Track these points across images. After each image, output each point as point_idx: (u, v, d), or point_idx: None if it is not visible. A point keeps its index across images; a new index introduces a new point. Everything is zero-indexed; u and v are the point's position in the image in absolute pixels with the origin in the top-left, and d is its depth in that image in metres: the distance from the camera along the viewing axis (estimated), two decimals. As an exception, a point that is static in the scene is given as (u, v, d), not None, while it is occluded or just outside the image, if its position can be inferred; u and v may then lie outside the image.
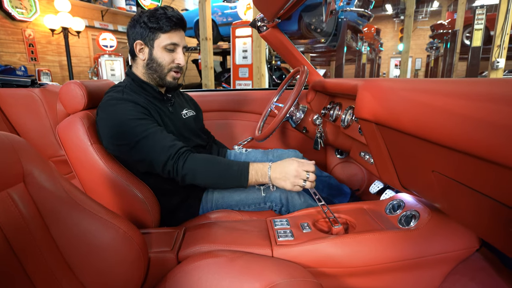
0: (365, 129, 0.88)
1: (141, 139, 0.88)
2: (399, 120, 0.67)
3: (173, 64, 1.00)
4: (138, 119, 0.90)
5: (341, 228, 0.88)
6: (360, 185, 1.50)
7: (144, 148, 0.89)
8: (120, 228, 0.68)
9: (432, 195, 0.74)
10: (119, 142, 0.91)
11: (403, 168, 0.80)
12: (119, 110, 0.91)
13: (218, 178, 0.89)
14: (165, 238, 0.87)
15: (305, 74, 1.06)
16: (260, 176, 0.89)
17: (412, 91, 0.66)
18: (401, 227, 0.86)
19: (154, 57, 0.98)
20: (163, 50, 0.98)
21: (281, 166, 0.89)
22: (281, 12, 1.11)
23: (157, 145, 0.88)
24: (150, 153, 0.89)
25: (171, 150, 0.88)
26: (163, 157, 0.88)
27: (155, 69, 1.00)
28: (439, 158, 0.60)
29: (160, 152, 0.88)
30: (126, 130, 0.89)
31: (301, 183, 0.87)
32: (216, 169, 0.89)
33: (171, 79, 1.02)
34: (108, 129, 0.91)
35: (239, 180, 0.89)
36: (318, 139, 1.15)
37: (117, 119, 0.90)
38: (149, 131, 0.89)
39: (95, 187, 0.97)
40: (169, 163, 0.88)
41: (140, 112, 0.92)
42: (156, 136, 0.89)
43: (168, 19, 0.94)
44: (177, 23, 0.96)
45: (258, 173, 0.89)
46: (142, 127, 0.89)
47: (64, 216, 0.63)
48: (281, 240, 0.82)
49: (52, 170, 0.64)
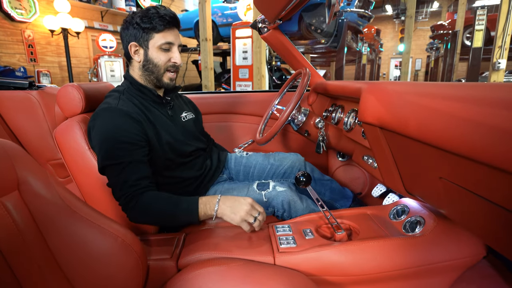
0: (369, 133, 0.86)
1: (113, 164, 0.86)
2: (406, 125, 0.65)
3: (169, 63, 0.98)
4: (122, 142, 0.87)
5: (344, 234, 0.86)
6: (362, 189, 1.48)
7: (111, 174, 0.87)
8: (118, 236, 0.66)
9: (438, 201, 0.72)
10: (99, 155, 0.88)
11: (408, 173, 0.78)
12: (108, 124, 0.88)
13: (168, 217, 0.88)
14: (165, 245, 0.85)
15: (307, 77, 1.04)
16: (209, 209, 0.87)
17: (419, 95, 0.64)
18: (406, 234, 0.84)
19: (149, 58, 0.96)
20: (158, 50, 0.96)
21: (231, 200, 0.87)
22: (282, 13, 1.10)
23: (122, 177, 0.86)
24: (113, 181, 0.87)
25: (130, 189, 0.86)
26: (120, 192, 0.86)
27: (152, 70, 0.98)
28: (447, 165, 0.58)
29: (120, 186, 0.86)
30: (106, 149, 0.86)
31: (251, 220, 0.85)
32: (164, 208, 0.87)
33: (168, 80, 1.00)
34: (95, 139, 0.89)
35: (190, 216, 0.87)
36: (320, 142, 1.13)
37: (103, 133, 0.87)
38: (124, 159, 0.86)
39: (93, 191, 0.96)
40: (122, 200, 0.86)
41: (129, 131, 0.88)
42: (128, 167, 0.86)
43: (161, 18, 0.92)
44: (171, 22, 0.94)
45: (206, 206, 0.87)
46: (121, 151, 0.86)
47: (60, 224, 0.61)
48: (283, 247, 0.80)
49: (48, 177, 0.62)
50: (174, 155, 0.99)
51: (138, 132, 0.90)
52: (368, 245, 0.79)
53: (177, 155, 1.00)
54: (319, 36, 4.23)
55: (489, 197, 0.51)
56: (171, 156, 0.98)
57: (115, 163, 0.86)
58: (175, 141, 0.99)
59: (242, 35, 4.05)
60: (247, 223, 0.85)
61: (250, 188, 1.04)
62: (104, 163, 0.87)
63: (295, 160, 1.21)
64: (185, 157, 1.03)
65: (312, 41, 4.61)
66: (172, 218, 0.88)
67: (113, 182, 0.87)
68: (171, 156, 0.98)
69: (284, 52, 1.44)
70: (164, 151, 0.96)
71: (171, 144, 0.98)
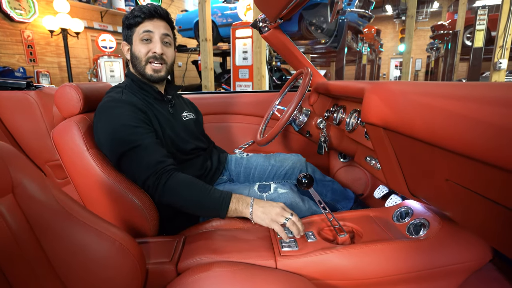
0: (372, 133, 0.84)
1: (132, 148, 0.85)
2: (411, 126, 0.63)
3: (149, 54, 0.96)
4: (134, 126, 0.87)
5: (347, 237, 0.84)
6: (364, 190, 1.46)
7: (133, 158, 0.85)
8: (116, 240, 0.65)
9: (444, 203, 0.71)
10: (111, 147, 0.88)
11: (413, 175, 0.77)
12: (116, 114, 0.88)
13: (197, 202, 0.85)
14: (164, 248, 0.83)
15: (309, 77, 1.02)
16: (241, 206, 0.85)
17: (425, 95, 0.63)
18: (410, 236, 0.82)
19: (133, 52, 0.98)
20: (139, 43, 0.96)
21: (263, 202, 0.86)
22: (283, 12, 1.08)
23: (146, 158, 0.85)
24: (136, 164, 0.85)
25: (157, 166, 0.84)
26: (147, 171, 0.84)
27: (135, 63, 0.98)
28: (455, 167, 0.57)
29: (146, 166, 0.84)
30: (120, 137, 0.85)
31: (281, 221, 0.83)
32: (197, 192, 0.85)
33: (151, 72, 0.98)
34: (103, 132, 0.88)
35: (220, 206, 0.84)
36: (322, 143, 1.11)
37: (113, 123, 0.87)
38: (142, 141, 0.86)
39: (91, 193, 0.94)
40: (151, 178, 0.84)
41: (137, 118, 0.89)
42: (148, 148, 0.86)
43: (139, 10, 0.94)
44: (148, 13, 0.94)
45: (239, 202, 0.85)
46: (136, 135, 0.86)
47: (56, 228, 0.59)
48: (285, 251, 0.79)
49: (44, 179, 0.60)
50: (174, 150, 0.99)
51: (145, 120, 0.91)
52: (372, 249, 0.77)
53: (178, 151, 1.00)
54: (320, 36, 4.22)
55: (497, 199, 0.49)
56: (172, 151, 0.98)
57: (133, 147, 0.85)
58: (176, 137, 1.00)
59: (242, 35, 4.04)
60: (278, 224, 0.83)
61: (251, 189, 1.02)
62: (120, 151, 0.85)
63: (296, 161, 1.20)
64: (185, 154, 1.03)
65: (312, 41, 4.60)
66: (201, 204, 0.85)
67: (136, 166, 0.86)
68: (173, 151, 0.98)
69: (285, 51, 1.42)
70: (166, 145, 0.97)
71: (172, 139, 0.98)
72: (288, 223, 0.83)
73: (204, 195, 0.85)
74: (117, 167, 0.89)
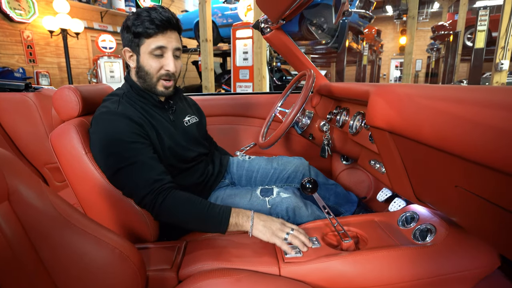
0: (377, 137, 0.83)
1: (127, 165, 0.82)
2: (419, 131, 0.62)
3: (162, 71, 0.91)
4: (129, 142, 0.83)
5: (352, 243, 0.83)
6: (367, 193, 1.44)
7: (128, 175, 0.82)
8: (115, 248, 0.63)
9: (451, 209, 0.69)
10: (105, 162, 0.85)
11: (419, 180, 0.75)
12: (111, 128, 0.84)
13: (196, 220, 0.82)
14: (165, 254, 0.82)
15: (312, 79, 1.01)
16: (241, 219, 0.82)
17: (432, 98, 0.61)
18: (416, 242, 0.80)
19: (141, 65, 0.90)
20: (150, 57, 0.88)
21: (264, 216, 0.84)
22: (286, 13, 1.06)
23: (142, 175, 0.82)
24: (132, 182, 0.82)
25: (154, 185, 0.81)
26: (145, 190, 0.81)
27: (144, 78, 0.92)
28: (465, 173, 0.55)
29: (142, 184, 0.81)
30: (115, 152, 0.82)
31: (283, 236, 0.80)
32: (195, 210, 0.82)
33: (162, 89, 0.93)
34: (97, 145, 0.85)
35: (219, 222, 0.81)
36: (325, 146, 1.09)
37: (108, 138, 0.83)
38: (137, 158, 0.82)
39: (89, 198, 0.92)
40: (148, 197, 0.81)
41: (133, 132, 0.85)
42: (144, 165, 0.83)
43: (151, 21, 0.84)
44: (161, 25, 0.86)
45: (239, 216, 0.82)
46: (131, 152, 0.83)
47: (54, 235, 0.57)
48: (289, 257, 0.77)
49: (41, 186, 0.59)
50: (175, 160, 0.95)
51: (141, 134, 0.87)
52: (377, 255, 0.75)
53: (179, 161, 0.96)
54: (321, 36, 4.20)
55: (508, 206, 0.47)
56: (172, 162, 0.94)
57: (129, 164, 0.82)
58: (176, 146, 0.95)
59: (242, 35, 4.03)
60: (279, 239, 0.80)
61: (253, 194, 1.00)
62: (115, 168, 0.82)
63: (299, 164, 1.18)
64: (187, 163, 1.00)
65: (313, 42, 4.58)
66: (200, 221, 0.82)
67: (133, 183, 0.83)
68: (173, 162, 0.94)
69: (287, 53, 1.40)
70: (166, 157, 0.93)
71: (172, 149, 0.94)
72: (289, 237, 0.80)
73: (202, 212, 0.82)
74: (112, 182, 0.86)
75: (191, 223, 0.84)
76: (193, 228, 0.91)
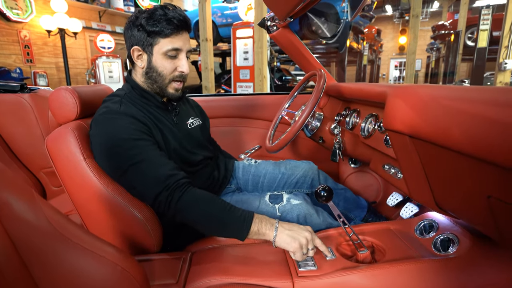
0: (395, 142, 0.78)
1: (135, 163, 0.76)
2: (447, 136, 0.57)
3: (175, 73, 0.87)
4: (135, 139, 0.78)
5: (368, 253, 0.78)
6: (376, 197, 1.39)
7: (138, 174, 0.76)
8: (117, 264, 0.57)
9: (480, 219, 0.64)
10: (110, 164, 0.79)
11: (443, 187, 0.70)
12: (113, 127, 0.78)
13: (217, 221, 0.75)
14: (169, 267, 0.76)
15: (323, 79, 0.95)
16: (264, 226, 0.74)
17: (462, 101, 0.56)
18: (437, 253, 0.75)
19: (153, 66, 0.86)
20: (163, 57, 0.85)
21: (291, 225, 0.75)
22: (295, 10, 1.01)
23: (153, 172, 0.76)
24: (143, 180, 0.76)
25: (169, 180, 0.75)
26: (158, 187, 0.75)
27: (155, 79, 0.87)
28: (501, 183, 0.50)
29: (155, 181, 0.75)
30: (120, 152, 0.76)
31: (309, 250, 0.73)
32: (217, 210, 0.75)
33: (173, 91, 0.89)
34: (100, 147, 0.80)
35: (241, 226, 0.73)
36: (336, 150, 1.04)
37: (111, 137, 0.78)
38: (145, 155, 0.77)
39: (88, 205, 0.86)
40: (163, 194, 0.75)
41: (138, 130, 0.80)
42: (154, 161, 0.77)
43: (168, 21, 0.81)
44: (179, 26, 0.83)
45: (262, 222, 0.74)
46: (138, 149, 0.77)
47: (48, 252, 0.52)
48: (303, 271, 0.72)
49: (34, 197, 0.53)
50: (181, 163, 0.89)
51: (146, 132, 0.81)
52: (397, 269, 0.70)
53: (184, 164, 0.91)
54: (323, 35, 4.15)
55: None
56: (178, 164, 0.88)
57: (136, 162, 0.76)
58: (182, 149, 0.90)
59: (243, 35, 3.98)
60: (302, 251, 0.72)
61: (261, 200, 0.95)
62: (122, 169, 0.76)
63: (308, 169, 1.13)
64: (192, 166, 0.94)
65: (313, 41, 4.54)
66: (220, 223, 0.75)
67: (143, 181, 0.76)
68: (178, 165, 0.88)
69: (294, 52, 1.35)
70: (172, 159, 0.87)
71: (178, 152, 0.89)
72: (310, 253, 0.74)
73: (223, 213, 0.74)
74: (121, 184, 0.80)
75: (210, 224, 0.76)
76: (210, 232, 0.84)
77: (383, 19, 13.03)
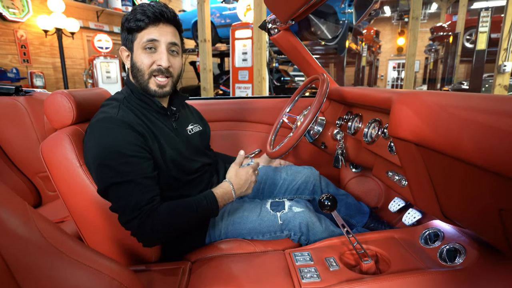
0: (400, 149, 0.76)
1: (122, 182, 0.74)
2: (456, 146, 0.55)
3: (153, 66, 0.83)
4: (128, 155, 0.75)
5: (372, 263, 0.76)
6: (378, 202, 1.38)
7: (121, 193, 0.74)
8: (114, 279, 0.55)
9: (489, 231, 0.62)
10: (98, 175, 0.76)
11: (450, 197, 0.68)
12: (108, 137, 0.75)
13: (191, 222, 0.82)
14: (168, 278, 0.74)
15: (326, 84, 0.93)
16: (226, 194, 0.87)
17: (471, 110, 0.54)
18: (443, 264, 0.74)
19: (134, 62, 0.84)
20: (142, 52, 0.82)
21: (237, 179, 0.90)
22: (297, 13, 0.99)
23: (134, 198, 0.74)
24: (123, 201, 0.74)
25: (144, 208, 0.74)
26: (133, 213, 0.73)
27: (136, 75, 0.85)
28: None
29: (132, 207, 0.73)
30: (110, 165, 0.74)
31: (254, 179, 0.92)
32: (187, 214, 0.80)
33: (155, 87, 0.85)
34: (92, 156, 0.76)
35: (210, 214, 0.84)
36: (339, 156, 1.02)
37: (104, 148, 0.74)
38: (134, 176, 0.74)
39: (84, 213, 0.84)
40: (135, 222, 0.73)
41: (133, 143, 0.76)
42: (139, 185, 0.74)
43: (143, 13, 0.79)
44: (153, 17, 0.80)
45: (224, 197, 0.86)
46: (128, 166, 0.74)
47: (42, 269, 0.49)
48: (306, 282, 0.70)
49: (27, 210, 0.51)
50: (178, 172, 0.86)
51: (142, 145, 0.78)
52: (404, 281, 0.68)
53: (182, 173, 0.88)
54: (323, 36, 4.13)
55: None
56: (175, 174, 0.85)
57: (122, 181, 0.73)
58: (179, 157, 0.87)
59: (241, 36, 3.95)
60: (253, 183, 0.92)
61: (262, 208, 0.93)
62: (108, 182, 0.74)
63: (309, 175, 1.10)
64: (191, 174, 0.91)
65: (312, 42, 4.52)
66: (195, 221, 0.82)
67: (122, 204, 0.74)
68: (175, 174, 0.86)
69: (295, 55, 1.33)
70: (168, 169, 0.84)
71: (175, 161, 0.86)
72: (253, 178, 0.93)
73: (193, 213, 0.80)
74: (101, 194, 0.78)
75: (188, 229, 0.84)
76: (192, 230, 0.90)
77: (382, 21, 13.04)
